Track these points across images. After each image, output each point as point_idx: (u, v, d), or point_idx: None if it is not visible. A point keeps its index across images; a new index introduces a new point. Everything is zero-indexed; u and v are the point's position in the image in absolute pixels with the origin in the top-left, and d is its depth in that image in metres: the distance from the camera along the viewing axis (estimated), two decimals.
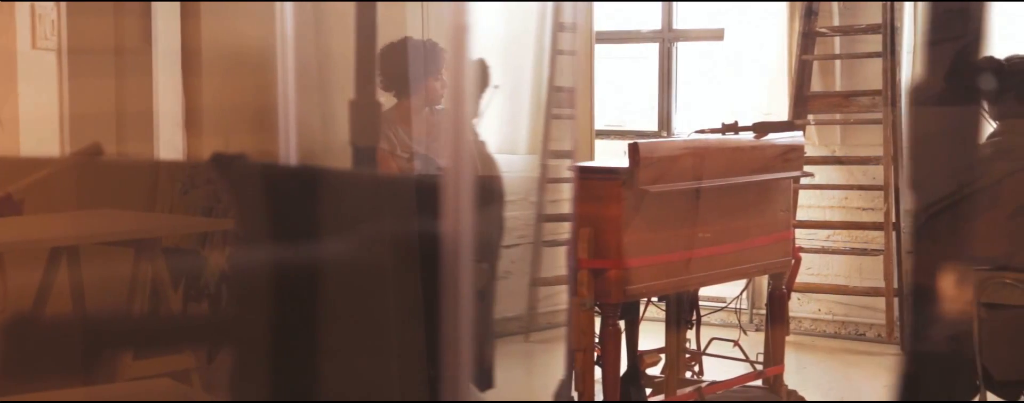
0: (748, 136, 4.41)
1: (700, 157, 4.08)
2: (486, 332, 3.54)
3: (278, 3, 2.37)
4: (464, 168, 1.50)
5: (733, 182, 4.17)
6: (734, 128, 4.34)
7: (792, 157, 4.45)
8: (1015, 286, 3.48)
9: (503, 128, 3.95)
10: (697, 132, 4.64)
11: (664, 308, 4.50)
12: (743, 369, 4.71)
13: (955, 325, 3.53)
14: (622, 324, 4.54)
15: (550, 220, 5.74)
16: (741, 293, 4.69)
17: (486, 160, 4.51)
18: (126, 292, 3.14)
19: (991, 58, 3.72)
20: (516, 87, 3.91)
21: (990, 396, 3.61)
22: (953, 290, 3.59)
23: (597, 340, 3.98)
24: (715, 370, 4.77)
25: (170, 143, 3.87)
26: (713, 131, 4.36)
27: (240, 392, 2.77)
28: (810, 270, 6.71)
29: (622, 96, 7.74)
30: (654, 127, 7.34)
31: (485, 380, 3.59)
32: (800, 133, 4.75)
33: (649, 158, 3.86)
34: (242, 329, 2.72)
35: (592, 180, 3.91)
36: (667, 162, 3.95)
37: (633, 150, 3.85)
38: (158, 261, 3.16)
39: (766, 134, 4.35)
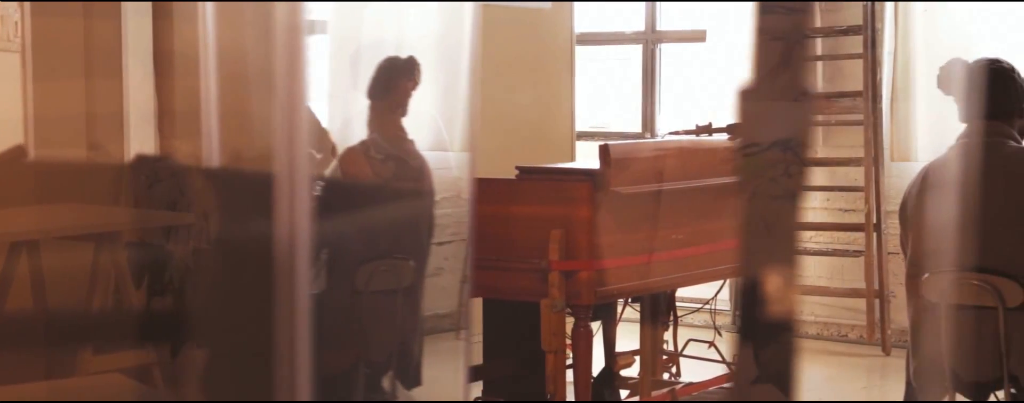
0: (723, 137, 4.41)
1: (672, 159, 4.08)
2: (413, 329, 3.54)
3: (201, 3, 2.38)
4: (298, 172, 1.49)
5: (706, 183, 4.17)
6: (708, 129, 4.34)
7: None
8: (982, 287, 3.48)
9: (434, 125, 3.95)
10: (671, 133, 4.64)
11: (639, 309, 4.51)
12: (721, 370, 4.72)
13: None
14: (596, 325, 4.55)
15: None
16: (716, 294, 4.69)
17: (415, 158, 4.52)
18: (87, 286, 3.15)
19: (958, 60, 3.73)
20: (450, 85, 3.92)
21: (959, 397, 3.62)
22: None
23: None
24: (693, 371, 4.78)
25: (143, 144, 3.86)
26: (687, 132, 4.36)
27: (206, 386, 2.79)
28: None
29: (606, 98, 7.74)
30: (638, 129, 7.35)
31: (413, 378, 3.59)
32: None
33: (620, 160, 3.86)
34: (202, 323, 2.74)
35: (563, 182, 3.91)
36: (638, 164, 3.95)
37: (604, 152, 3.85)
38: (119, 255, 3.16)
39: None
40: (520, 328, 4.34)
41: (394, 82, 4.50)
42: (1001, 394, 3.56)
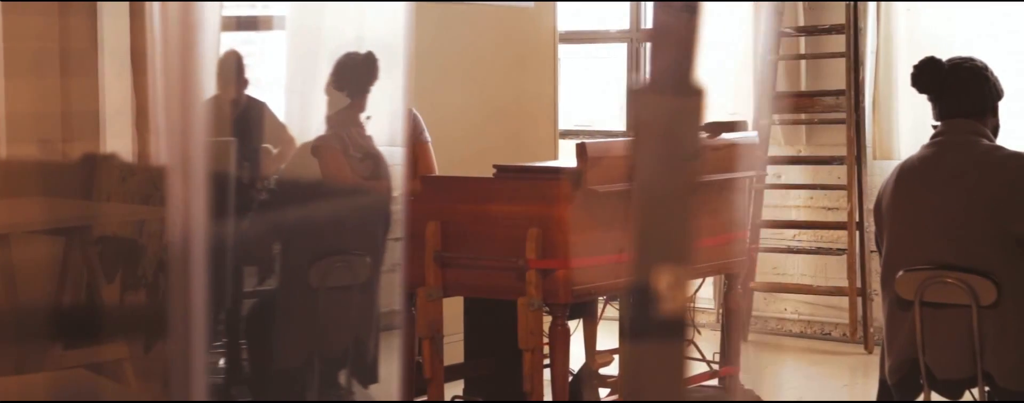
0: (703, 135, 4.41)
1: None
2: (369, 325, 3.54)
3: (150, 3, 2.37)
4: (194, 169, 1.49)
5: None
6: None
7: (746, 157, 4.45)
8: (956, 285, 3.48)
9: (395, 122, 3.95)
10: None
11: (619, 308, 4.51)
12: (701, 368, 4.72)
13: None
14: (577, 323, 4.55)
15: None
16: (695, 292, 4.70)
17: (374, 155, 4.52)
18: (57, 281, 3.14)
19: (932, 58, 3.74)
20: (403, 82, 3.93)
21: (934, 396, 3.62)
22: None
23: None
24: None
25: (120, 142, 3.86)
26: None
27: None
28: (776, 269, 6.72)
29: (591, 96, 7.74)
30: (623, 127, 7.36)
31: (369, 374, 3.59)
32: (755, 133, 4.75)
33: (597, 158, 3.86)
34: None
35: (540, 180, 3.91)
36: (616, 161, 3.95)
37: (580, 150, 3.85)
38: (91, 249, 3.15)
39: (719, 134, 4.35)
40: (500, 327, 4.34)
41: (368, 79, 4.51)
42: (975, 392, 3.56)
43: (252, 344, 3.61)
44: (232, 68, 3.50)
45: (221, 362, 3.52)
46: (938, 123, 3.69)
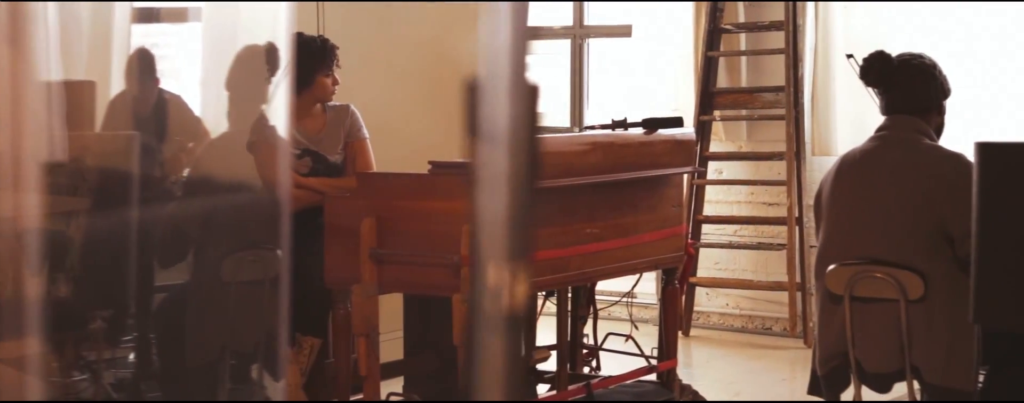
0: (639, 132, 4.43)
1: (586, 153, 4.10)
2: (281, 320, 3.54)
3: (40, 3, 2.35)
4: (24, 157, 1.48)
5: (620, 178, 4.19)
6: (623, 124, 4.36)
7: (682, 153, 4.48)
8: (885, 280, 3.52)
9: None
10: (586, 128, 4.65)
11: (556, 303, 4.52)
12: (640, 363, 4.74)
13: None
14: None
15: None
16: (632, 288, 4.72)
17: (312, 151, 4.51)
18: None
19: (881, 53, 3.77)
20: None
21: (865, 391, 3.67)
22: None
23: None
24: (613, 365, 4.80)
25: (43, 133, 3.82)
26: (602, 127, 4.38)
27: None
28: (718, 265, 6.77)
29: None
30: (567, 123, 7.38)
31: (281, 369, 3.58)
32: (691, 129, 4.78)
33: None
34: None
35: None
36: (552, 158, 3.96)
37: None
38: (16, 241, 3.11)
39: (656, 130, 4.37)
40: (439, 323, 4.34)
41: (311, 72, 4.48)
42: (903, 385, 3.61)
43: (162, 339, 3.59)
44: (136, 64, 3.47)
45: (131, 357, 3.50)
46: (883, 118, 3.73)
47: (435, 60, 5.82)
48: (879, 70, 3.71)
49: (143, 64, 3.53)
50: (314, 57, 4.47)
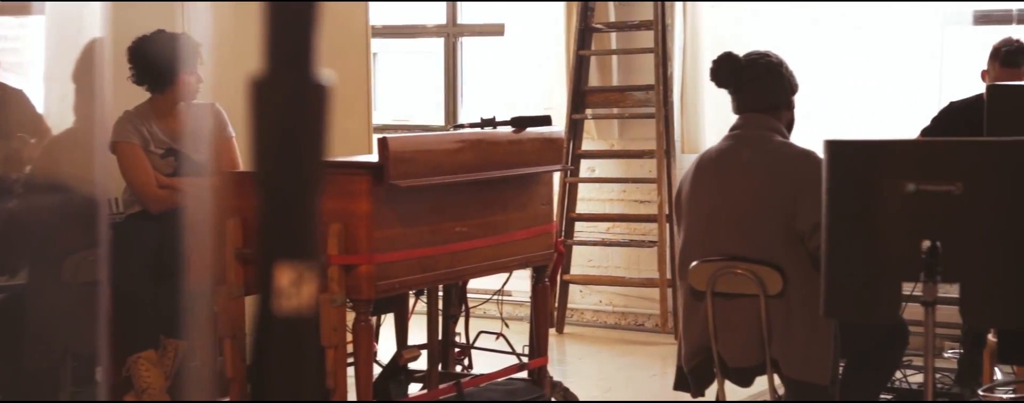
0: (508, 130, 4.44)
1: (454, 151, 4.10)
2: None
3: None
4: None
5: (489, 176, 4.20)
6: (492, 123, 4.37)
7: (551, 151, 4.50)
8: (746, 276, 3.59)
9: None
10: (456, 127, 4.65)
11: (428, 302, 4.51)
12: (511, 361, 4.75)
13: None
14: (378, 319, 4.54)
15: None
16: (503, 286, 4.73)
17: (176, 151, 4.45)
18: None
19: (730, 54, 3.84)
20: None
21: (728, 386, 3.73)
22: None
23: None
24: (485, 363, 4.80)
25: None
26: (471, 125, 4.38)
27: None
28: (591, 262, 6.82)
29: (409, 91, 7.73)
30: (441, 121, 7.37)
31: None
32: (559, 127, 4.81)
33: (400, 153, 3.85)
34: None
35: (341, 175, 3.88)
36: (420, 156, 3.95)
37: (382, 145, 3.83)
38: None
39: (524, 129, 4.39)
40: None
41: (172, 70, 4.40)
42: (763, 379, 3.68)
43: None
44: None
45: None
46: (736, 116, 3.79)
47: (324, 59, 5.75)
48: (728, 71, 3.78)
49: None
50: (175, 54, 4.39)
